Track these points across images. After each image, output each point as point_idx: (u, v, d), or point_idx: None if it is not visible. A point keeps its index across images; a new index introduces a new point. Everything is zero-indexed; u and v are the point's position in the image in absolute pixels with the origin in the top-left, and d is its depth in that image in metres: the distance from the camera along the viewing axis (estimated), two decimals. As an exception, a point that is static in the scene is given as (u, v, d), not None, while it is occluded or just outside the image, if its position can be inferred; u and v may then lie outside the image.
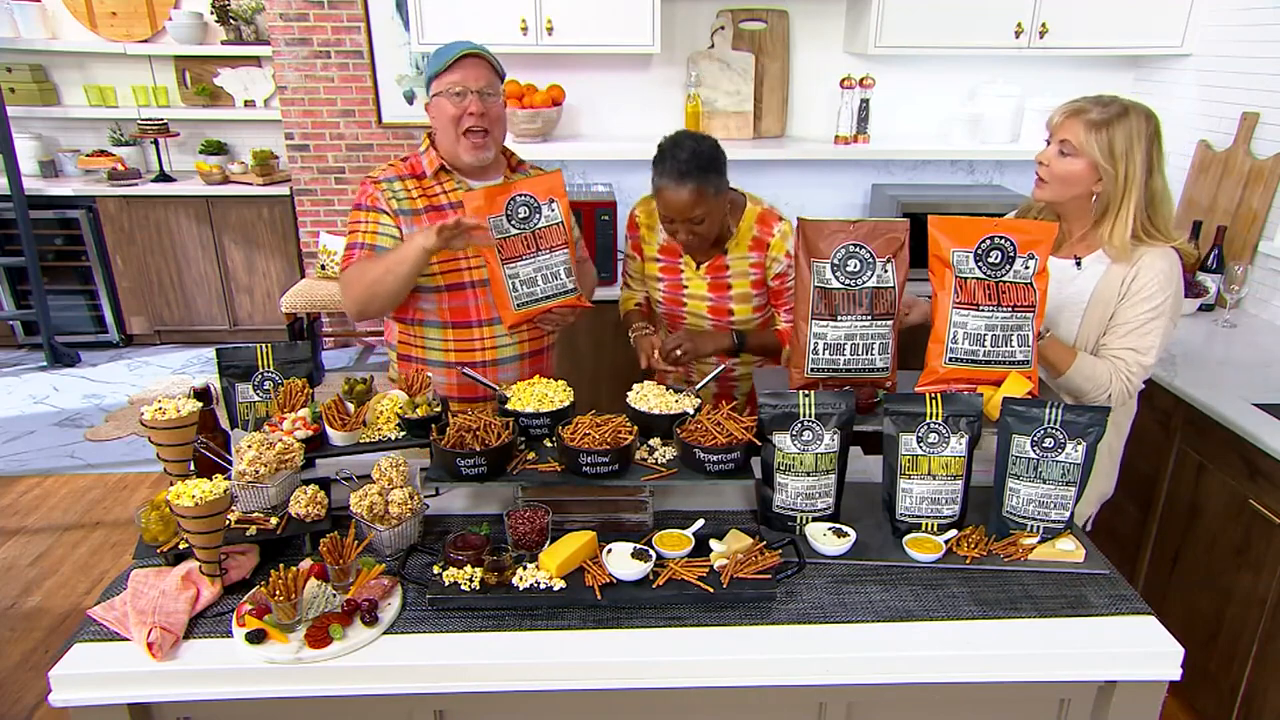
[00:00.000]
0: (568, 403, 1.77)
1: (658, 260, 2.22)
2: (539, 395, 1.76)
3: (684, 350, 2.06)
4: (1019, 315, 1.64)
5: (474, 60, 1.89)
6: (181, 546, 1.48)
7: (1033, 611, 1.42)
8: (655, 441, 1.71)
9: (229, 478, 1.47)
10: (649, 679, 1.34)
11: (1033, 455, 1.52)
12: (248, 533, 1.52)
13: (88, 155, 5.16)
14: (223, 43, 5.08)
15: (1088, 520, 2.14)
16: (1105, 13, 3.08)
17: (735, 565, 1.45)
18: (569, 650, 1.34)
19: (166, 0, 5.07)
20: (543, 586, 1.42)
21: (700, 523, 1.58)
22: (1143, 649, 1.36)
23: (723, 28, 3.32)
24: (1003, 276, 1.63)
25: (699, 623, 1.39)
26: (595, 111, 3.48)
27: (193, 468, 1.58)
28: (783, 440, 1.56)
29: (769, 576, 1.44)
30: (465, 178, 2.00)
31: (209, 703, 1.33)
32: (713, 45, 3.35)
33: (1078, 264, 1.85)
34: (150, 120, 5.10)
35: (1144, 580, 2.46)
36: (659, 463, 1.64)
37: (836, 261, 1.68)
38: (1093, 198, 1.78)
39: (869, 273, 1.68)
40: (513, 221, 1.88)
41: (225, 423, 1.73)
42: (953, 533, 1.59)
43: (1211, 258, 2.85)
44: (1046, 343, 1.76)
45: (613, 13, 3.04)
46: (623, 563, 1.45)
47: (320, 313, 4.88)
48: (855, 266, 1.68)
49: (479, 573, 1.42)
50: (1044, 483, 1.53)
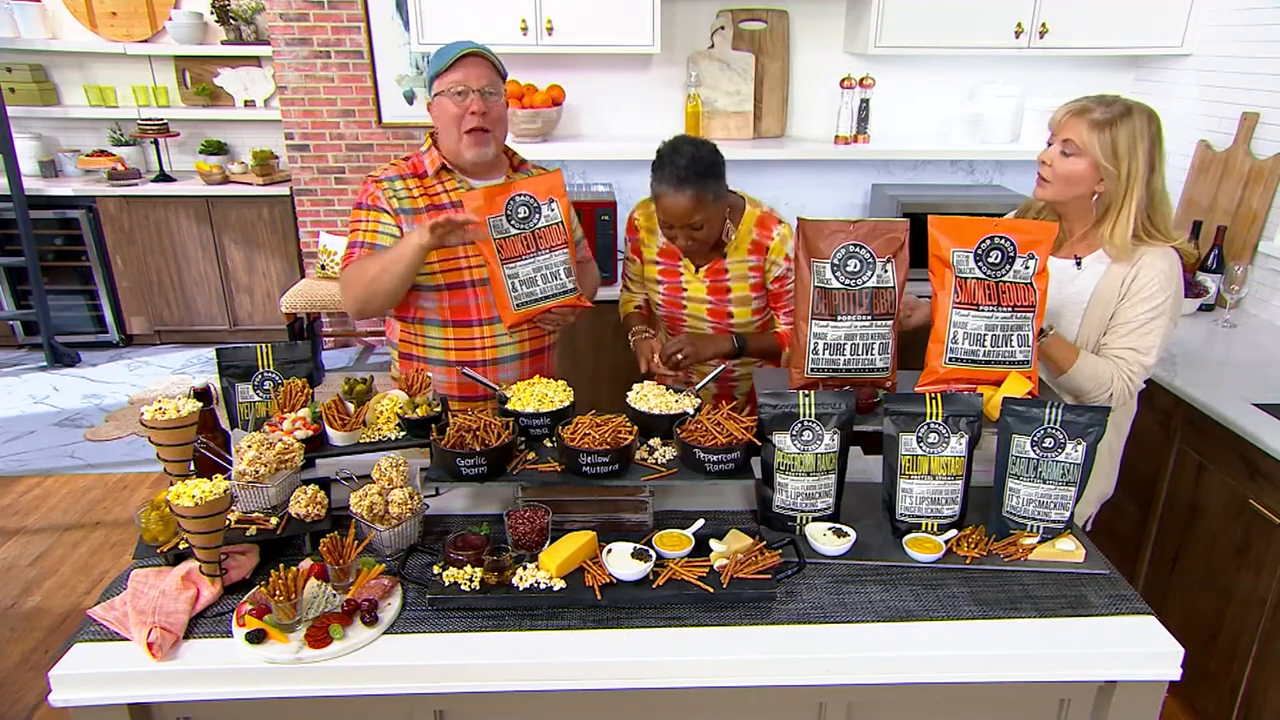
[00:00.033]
0: (568, 403, 1.77)
1: (657, 263, 2.22)
2: (539, 395, 1.76)
3: (685, 355, 2.06)
4: (1019, 315, 1.64)
5: (476, 59, 1.89)
6: (181, 546, 1.48)
7: (1033, 611, 1.42)
8: (655, 441, 1.71)
9: (229, 478, 1.47)
10: (649, 679, 1.34)
11: (1033, 455, 1.52)
12: (248, 533, 1.52)
13: (88, 155, 5.16)
14: (223, 43, 5.08)
15: (1088, 520, 2.14)
16: (1105, 13, 3.08)
17: (735, 565, 1.45)
18: (569, 650, 1.34)
19: (166, 0, 5.07)
20: (543, 586, 1.42)
21: (700, 523, 1.58)
22: (1143, 649, 1.36)
23: (723, 28, 3.32)
24: (1003, 276, 1.63)
25: (699, 623, 1.39)
26: (595, 111, 3.48)
27: (193, 468, 1.58)
28: (783, 440, 1.56)
29: (769, 576, 1.44)
30: (467, 177, 2.00)
31: (209, 703, 1.33)
32: (713, 45, 3.35)
33: (1078, 264, 1.85)
34: (150, 120, 5.10)
35: (1144, 580, 2.46)
36: (659, 463, 1.64)
37: (836, 261, 1.68)
38: (1094, 197, 1.78)
39: (869, 273, 1.68)
40: (512, 221, 1.87)
41: (225, 423, 1.73)
42: (953, 533, 1.59)
43: (1211, 258, 2.85)
44: (1050, 340, 1.76)
45: (613, 13, 3.04)
46: (623, 563, 1.45)
47: (320, 313, 4.88)
48: (855, 266, 1.68)
49: (479, 573, 1.42)
50: (1044, 483, 1.53)
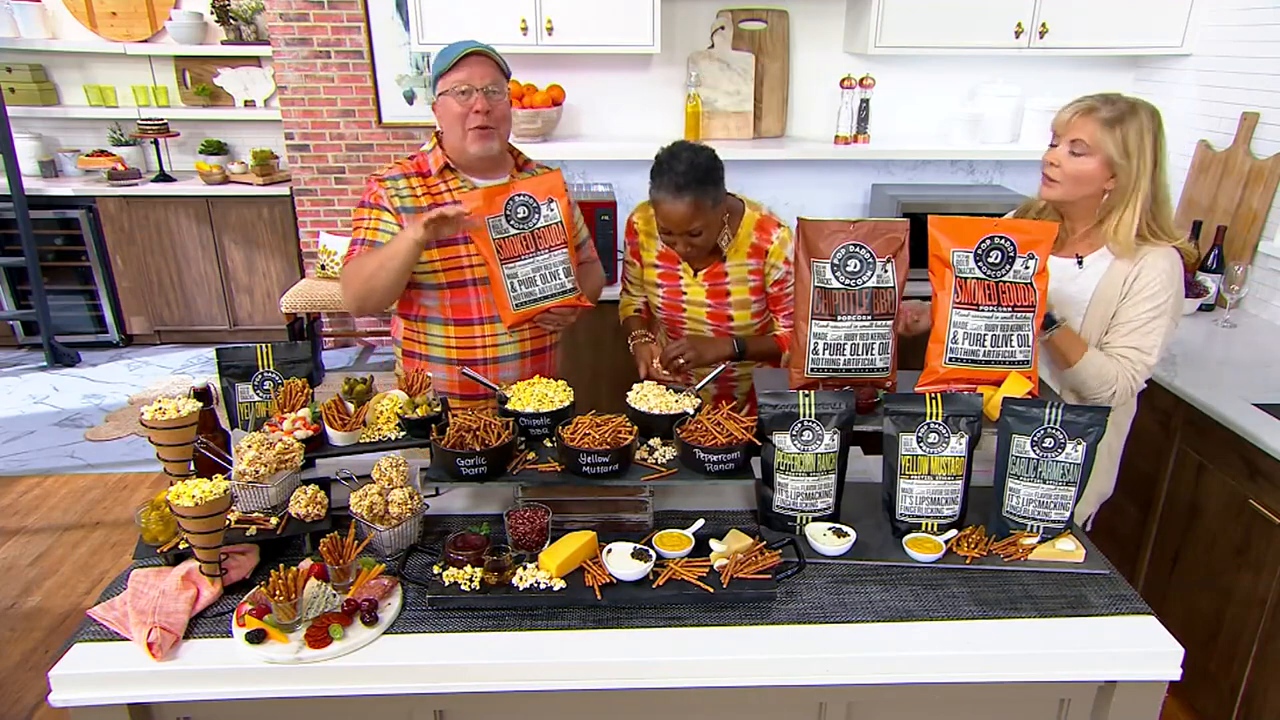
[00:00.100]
0: (568, 403, 1.77)
1: (656, 266, 2.22)
2: (539, 395, 1.76)
3: (686, 358, 2.06)
4: (1019, 315, 1.64)
5: (479, 59, 1.90)
6: (181, 546, 1.48)
7: (1033, 611, 1.42)
8: (655, 441, 1.71)
9: (229, 478, 1.47)
10: (649, 679, 1.34)
11: (1033, 455, 1.52)
12: (248, 533, 1.52)
13: (88, 155, 5.16)
14: (223, 43, 5.08)
15: (1087, 520, 2.14)
16: (1105, 13, 3.07)
17: (735, 565, 1.45)
18: (569, 650, 1.34)
19: (166, 0, 5.07)
20: (543, 586, 1.42)
21: (700, 523, 1.58)
22: (1143, 649, 1.36)
23: (723, 28, 3.32)
24: (1003, 276, 1.63)
25: (699, 623, 1.39)
26: (595, 111, 3.48)
27: (193, 468, 1.58)
28: (783, 440, 1.56)
29: (769, 576, 1.44)
30: (470, 176, 2.00)
31: (209, 703, 1.33)
32: (713, 45, 3.35)
33: (1079, 263, 1.85)
34: (150, 120, 5.10)
35: (1144, 580, 2.46)
36: (659, 463, 1.64)
37: (836, 261, 1.68)
38: (1103, 196, 1.78)
39: (869, 273, 1.68)
40: (511, 221, 1.88)
41: (225, 423, 1.73)
42: (953, 533, 1.59)
43: (1211, 258, 2.85)
44: (1060, 333, 1.75)
45: (613, 13, 3.04)
46: (623, 563, 1.45)
47: (320, 313, 4.88)
48: (855, 266, 1.68)
49: (479, 573, 1.42)
50: (1044, 483, 1.53)
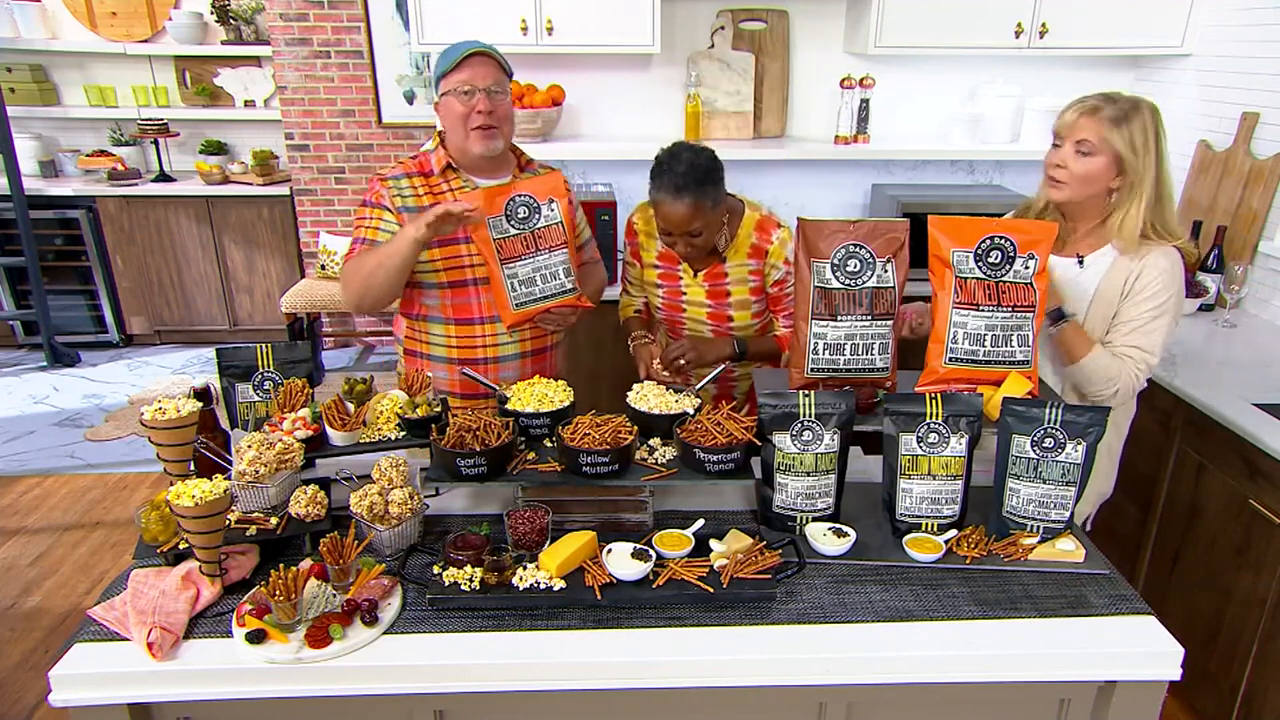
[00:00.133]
0: (568, 403, 1.77)
1: (656, 267, 2.22)
2: (539, 395, 1.76)
3: (687, 359, 2.06)
4: (1019, 315, 1.64)
5: (482, 59, 1.90)
6: (181, 546, 1.48)
7: (1033, 611, 1.42)
8: (655, 441, 1.71)
9: (229, 478, 1.47)
10: (649, 679, 1.34)
11: (1033, 455, 1.52)
12: (248, 533, 1.52)
13: (88, 155, 5.16)
14: (223, 43, 5.08)
15: (1086, 520, 2.14)
16: (1105, 13, 3.07)
17: (735, 565, 1.45)
18: (569, 650, 1.34)
19: (166, 0, 5.07)
20: (543, 586, 1.42)
21: (700, 523, 1.58)
22: (1143, 649, 1.36)
23: (723, 28, 3.32)
24: (1003, 276, 1.63)
25: (699, 623, 1.39)
26: (595, 111, 3.48)
27: (193, 468, 1.58)
28: (783, 440, 1.56)
29: (769, 576, 1.44)
30: (473, 175, 2.00)
31: (209, 703, 1.33)
32: (713, 45, 3.35)
33: (1080, 262, 1.85)
34: (150, 120, 5.10)
35: (1144, 580, 2.46)
36: (659, 463, 1.64)
37: (836, 261, 1.68)
38: (1111, 194, 1.78)
39: (869, 273, 1.68)
40: (512, 221, 1.88)
41: (225, 423, 1.73)
42: (953, 533, 1.59)
43: (1211, 258, 2.85)
44: (1068, 328, 1.75)
45: (613, 13, 3.04)
46: (623, 563, 1.45)
47: (320, 313, 4.88)
48: (855, 266, 1.68)
49: (479, 573, 1.42)
50: (1044, 483, 1.53)
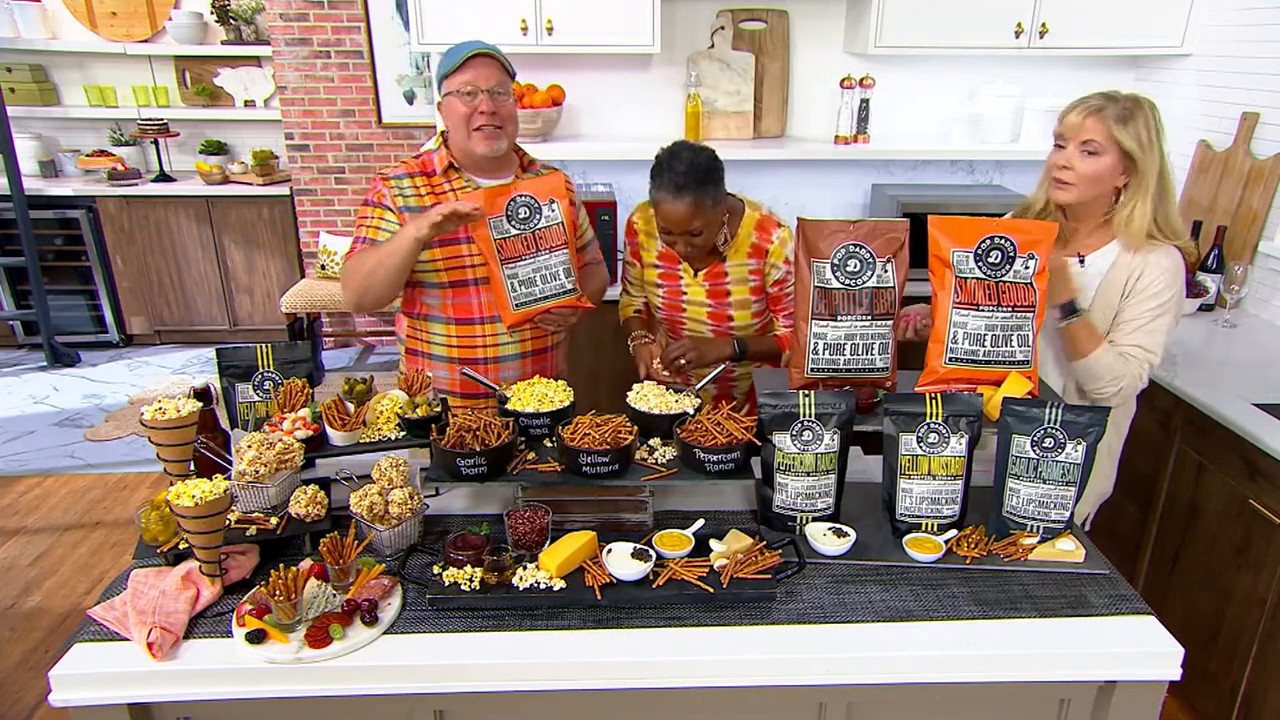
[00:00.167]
0: (568, 403, 1.77)
1: (656, 267, 2.22)
2: (539, 395, 1.76)
3: (688, 359, 2.06)
4: (1019, 315, 1.64)
5: (485, 60, 1.90)
6: (181, 546, 1.48)
7: (1033, 611, 1.42)
8: (655, 441, 1.71)
9: (229, 478, 1.47)
10: (649, 679, 1.34)
11: (1033, 455, 1.52)
12: (248, 533, 1.52)
13: (88, 155, 5.16)
14: (223, 43, 5.08)
15: (1086, 520, 2.14)
16: (1105, 13, 3.07)
17: (735, 565, 1.45)
18: (569, 650, 1.34)
19: (166, 0, 5.07)
20: (543, 586, 1.42)
21: (700, 523, 1.58)
22: (1143, 649, 1.36)
23: (723, 28, 3.32)
24: (1003, 276, 1.63)
25: (699, 623, 1.39)
26: (595, 111, 3.48)
27: (193, 468, 1.58)
28: (783, 440, 1.56)
29: (769, 576, 1.44)
30: (476, 176, 2.00)
31: (209, 703, 1.33)
32: (713, 45, 3.35)
33: (1081, 262, 1.85)
34: (150, 120, 5.10)
35: (1144, 580, 2.46)
36: (659, 463, 1.64)
37: (836, 261, 1.68)
38: (1117, 194, 1.78)
39: (869, 273, 1.68)
40: (513, 222, 1.88)
41: (225, 423, 1.73)
42: (953, 533, 1.59)
43: (1211, 258, 2.85)
44: (1080, 322, 1.74)
45: (613, 13, 3.04)
46: (623, 563, 1.45)
47: (320, 313, 4.88)
48: (855, 266, 1.68)
49: (479, 573, 1.42)
50: (1044, 483, 1.53)
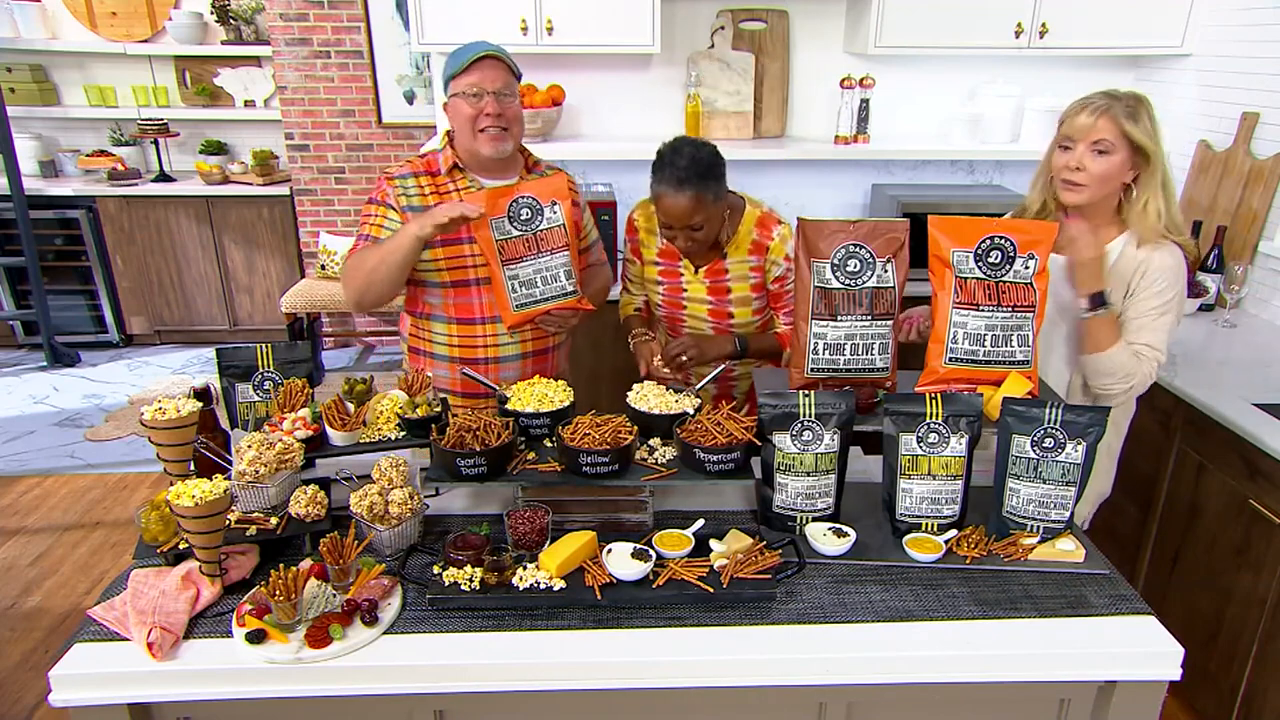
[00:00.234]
0: (568, 403, 1.77)
1: (657, 264, 2.22)
2: (539, 395, 1.76)
3: (689, 356, 2.06)
4: (1019, 315, 1.64)
5: (491, 62, 1.90)
6: (181, 546, 1.48)
7: (1033, 611, 1.42)
8: (655, 441, 1.71)
9: (229, 478, 1.47)
10: (649, 679, 1.34)
11: (1033, 455, 1.52)
12: (248, 533, 1.52)
13: (88, 155, 5.16)
14: (223, 43, 5.08)
15: (1085, 520, 2.14)
16: (1105, 13, 3.07)
17: (735, 565, 1.45)
18: (569, 650, 1.34)
19: (166, 0, 5.07)
20: (543, 586, 1.42)
21: (700, 523, 1.58)
22: (1143, 649, 1.36)
23: (723, 28, 3.32)
24: (1003, 276, 1.63)
25: (699, 623, 1.39)
26: (595, 111, 3.48)
27: (193, 468, 1.58)
28: (783, 440, 1.56)
29: (769, 576, 1.44)
30: (480, 176, 2.01)
31: (209, 703, 1.33)
32: (713, 45, 3.35)
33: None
34: (150, 120, 5.10)
35: (1144, 580, 2.46)
36: (659, 463, 1.64)
37: (836, 261, 1.68)
38: (1119, 192, 1.78)
39: (869, 273, 1.68)
40: (515, 223, 1.88)
41: (225, 423, 1.73)
42: (953, 533, 1.59)
43: (1211, 258, 2.85)
44: (1105, 316, 1.73)
45: (613, 13, 3.04)
46: (623, 563, 1.45)
47: (320, 313, 4.88)
48: (855, 266, 1.68)
49: (479, 573, 1.42)
50: (1044, 483, 1.53)
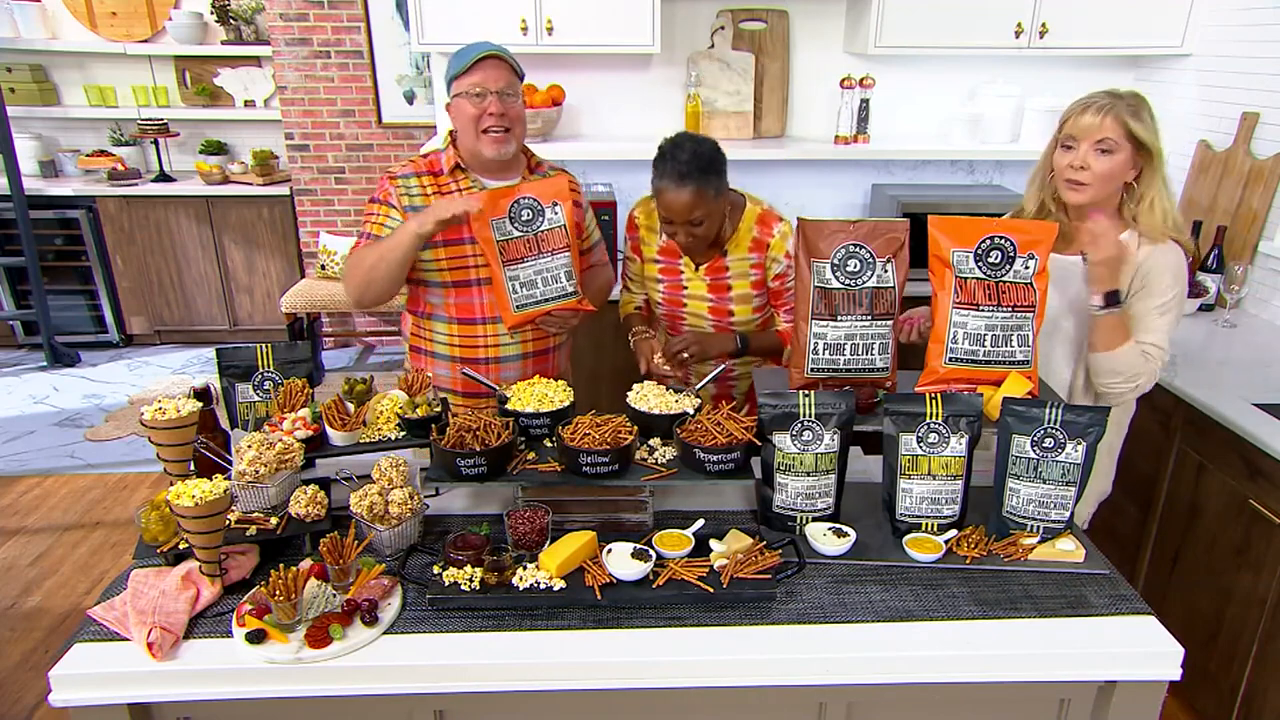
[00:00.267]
0: (568, 403, 1.77)
1: (657, 261, 2.22)
2: (539, 395, 1.76)
3: (690, 352, 2.06)
4: (1019, 315, 1.64)
5: (494, 61, 1.90)
6: (181, 546, 1.48)
7: (1033, 611, 1.42)
8: (655, 441, 1.71)
9: (229, 478, 1.47)
10: (649, 679, 1.34)
11: (1033, 455, 1.52)
12: (248, 533, 1.52)
13: (88, 155, 5.16)
14: (223, 43, 5.08)
15: (1086, 519, 2.14)
16: (1105, 13, 3.07)
17: (735, 565, 1.45)
18: (569, 650, 1.34)
19: (166, 0, 5.07)
20: (543, 586, 1.42)
21: (700, 523, 1.58)
22: (1143, 649, 1.36)
23: (723, 28, 3.32)
24: (1003, 276, 1.63)
25: (699, 623, 1.39)
26: (595, 111, 3.48)
27: (193, 468, 1.58)
28: (783, 440, 1.56)
29: (769, 576, 1.44)
30: (483, 176, 2.01)
31: (209, 703, 1.33)
32: (713, 45, 3.35)
33: (1085, 260, 1.84)
34: (150, 120, 5.10)
35: (1144, 580, 2.46)
36: (659, 463, 1.64)
37: (836, 261, 1.68)
38: (1132, 189, 1.78)
39: (869, 273, 1.68)
40: (516, 224, 1.89)
41: (225, 423, 1.73)
42: (953, 533, 1.59)
43: (1211, 258, 2.85)
44: (1119, 314, 1.72)
45: (613, 13, 3.04)
46: (623, 563, 1.45)
47: (320, 313, 4.88)
48: (855, 266, 1.68)
49: (479, 573, 1.42)
50: (1044, 483, 1.53)
